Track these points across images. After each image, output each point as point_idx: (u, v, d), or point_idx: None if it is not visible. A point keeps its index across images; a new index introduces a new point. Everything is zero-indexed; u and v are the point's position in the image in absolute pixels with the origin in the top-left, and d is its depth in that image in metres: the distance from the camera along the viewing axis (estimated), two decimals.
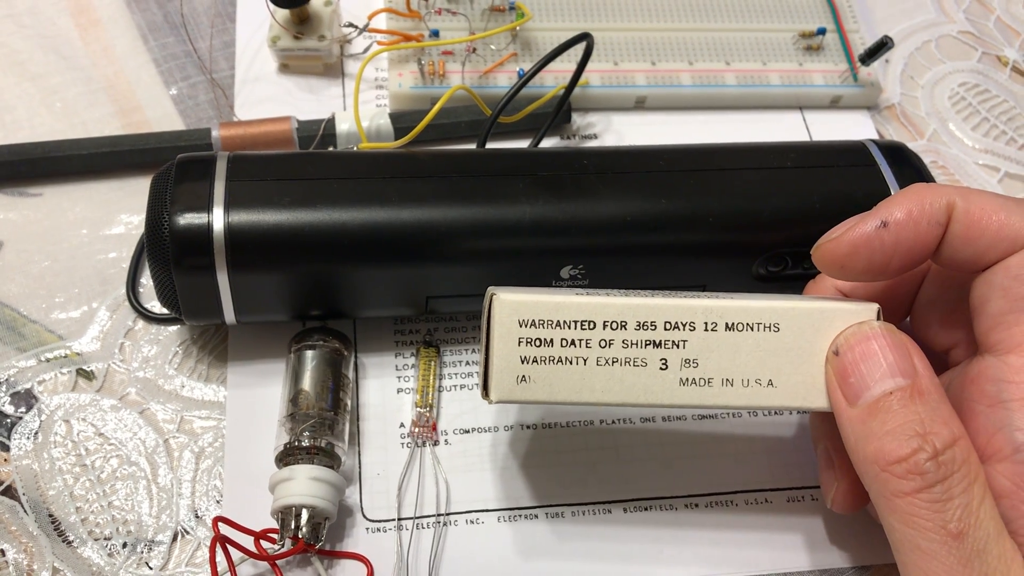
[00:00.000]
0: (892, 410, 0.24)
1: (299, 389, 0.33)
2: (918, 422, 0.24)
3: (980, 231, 0.26)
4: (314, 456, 0.32)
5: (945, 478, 0.23)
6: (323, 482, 0.31)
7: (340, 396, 0.33)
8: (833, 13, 0.46)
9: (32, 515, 0.32)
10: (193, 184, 0.32)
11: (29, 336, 0.36)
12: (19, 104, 0.41)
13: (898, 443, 0.24)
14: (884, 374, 0.25)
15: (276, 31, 0.42)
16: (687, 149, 0.36)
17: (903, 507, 0.24)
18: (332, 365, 0.33)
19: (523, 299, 0.27)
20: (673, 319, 0.27)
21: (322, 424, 0.32)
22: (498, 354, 0.27)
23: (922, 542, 0.23)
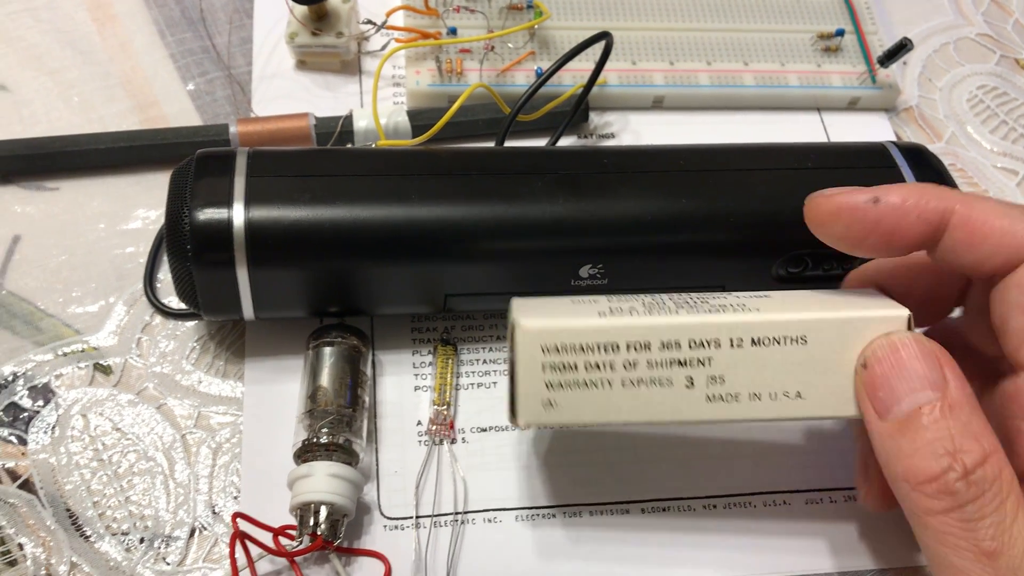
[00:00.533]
0: (922, 426, 0.24)
1: (317, 386, 0.33)
2: (948, 439, 0.24)
3: (981, 237, 0.26)
4: (332, 453, 0.31)
5: (977, 497, 0.23)
6: (342, 479, 0.31)
7: (358, 393, 0.33)
8: (851, 14, 0.46)
9: (50, 509, 0.32)
10: (213, 179, 0.32)
11: (46, 330, 0.36)
12: (36, 98, 0.41)
13: (928, 462, 0.24)
14: (913, 387, 0.25)
15: (294, 27, 0.42)
16: (707, 149, 0.36)
17: (935, 525, 0.23)
18: (350, 362, 0.33)
19: (546, 326, 0.27)
20: (698, 337, 0.27)
21: (340, 421, 0.32)
22: (523, 381, 0.27)
23: (956, 560, 0.23)
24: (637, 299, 0.29)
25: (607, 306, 0.28)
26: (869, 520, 0.34)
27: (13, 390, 0.34)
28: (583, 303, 0.29)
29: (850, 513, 0.34)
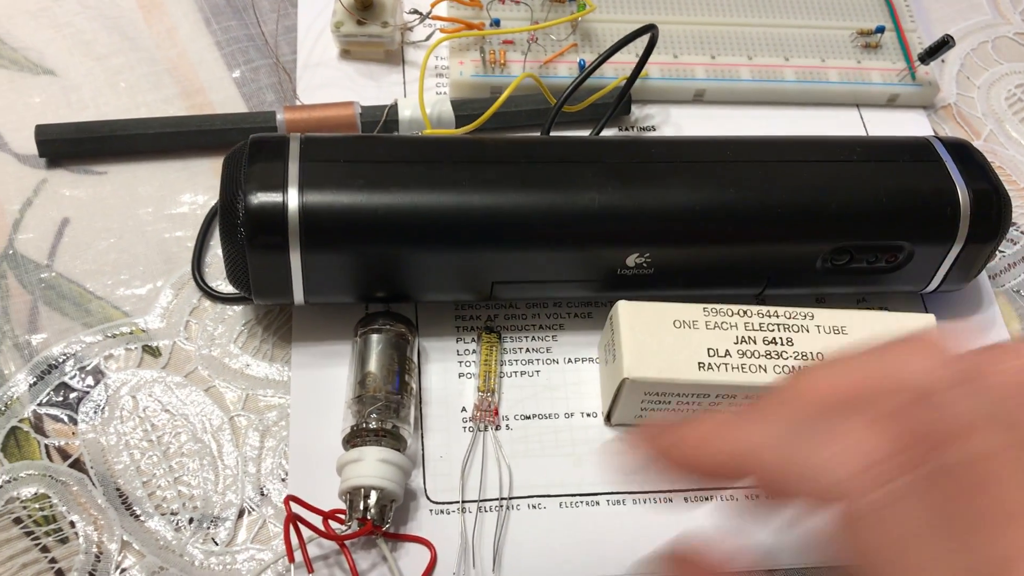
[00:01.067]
0: None
1: (366, 372, 0.33)
2: None
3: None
4: (381, 438, 0.32)
5: None
6: (391, 464, 0.31)
7: (406, 379, 0.33)
8: (891, 12, 0.46)
9: (100, 488, 0.33)
10: (267, 164, 0.32)
11: (95, 312, 0.36)
12: (84, 83, 0.42)
13: None
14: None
15: (340, 16, 0.42)
16: (754, 141, 0.36)
17: None
18: (397, 349, 0.34)
19: (650, 377, 0.32)
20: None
21: (389, 407, 0.32)
22: (623, 406, 0.33)
23: None
24: (734, 333, 0.33)
25: (706, 347, 0.33)
26: None
27: (63, 370, 0.35)
28: (687, 334, 0.33)
29: None
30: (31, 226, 0.38)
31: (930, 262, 0.36)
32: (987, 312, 0.39)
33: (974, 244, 0.35)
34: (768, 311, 0.34)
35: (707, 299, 0.34)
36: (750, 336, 0.33)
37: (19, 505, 0.32)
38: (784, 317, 0.34)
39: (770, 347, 0.33)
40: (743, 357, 0.33)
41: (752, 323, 0.33)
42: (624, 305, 0.33)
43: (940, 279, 0.37)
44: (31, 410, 0.34)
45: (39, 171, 0.39)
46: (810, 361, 0.33)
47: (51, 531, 0.32)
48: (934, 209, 0.35)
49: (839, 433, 0.20)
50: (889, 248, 0.35)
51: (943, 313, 0.38)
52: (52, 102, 0.41)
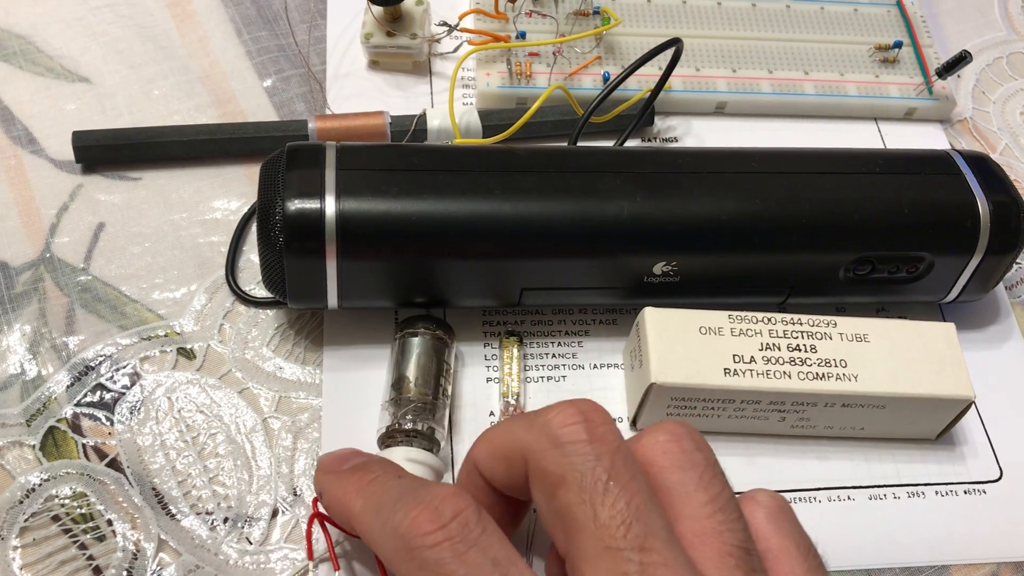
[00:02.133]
0: None
1: (403, 374, 0.33)
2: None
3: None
4: (413, 439, 0.32)
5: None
6: (421, 464, 0.32)
7: (442, 383, 0.34)
8: (908, 28, 0.47)
9: (136, 487, 0.33)
10: (304, 171, 0.33)
11: (130, 315, 0.37)
12: (119, 91, 0.42)
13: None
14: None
15: (370, 28, 0.43)
16: (779, 152, 0.37)
17: None
18: (436, 352, 0.34)
19: (677, 383, 0.33)
20: (801, 400, 0.33)
21: (423, 409, 0.33)
22: (649, 410, 0.34)
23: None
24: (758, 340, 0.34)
25: (731, 353, 0.33)
26: (934, 516, 0.34)
27: (100, 372, 0.35)
28: (713, 341, 0.34)
29: (911, 508, 0.35)
30: (67, 230, 0.39)
31: (950, 273, 0.36)
32: (1004, 323, 0.40)
33: (993, 256, 0.36)
34: (792, 319, 0.34)
35: (731, 307, 0.35)
36: (775, 343, 0.34)
37: (57, 503, 0.33)
38: (808, 325, 0.34)
39: (794, 354, 0.34)
40: (768, 363, 0.33)
41: (776, 330, 0.34)
42: (651, 311, 0.34)
43: (959, 290, 0.37)
44: (69, 410, 0.35)
45: (75, 176, 0.40)
46: (833, 367, 0.33)
47: (88, 529, 0.32)
48: (954, 221, 0.35)
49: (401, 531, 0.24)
50: (910, 259, 0.36)
51: (960, 323, 0.39)
52: (87, 109, 0.42)
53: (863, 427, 0.35)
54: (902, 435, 0.36)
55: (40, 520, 0.32)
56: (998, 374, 0.39)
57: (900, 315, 0.40)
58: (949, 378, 0.34)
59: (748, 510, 0.25)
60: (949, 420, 0.35)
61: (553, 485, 0.24)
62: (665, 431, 0.25)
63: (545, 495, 0.24)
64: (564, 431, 0.24)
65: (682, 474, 0.25)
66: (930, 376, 0.33)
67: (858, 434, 0.36)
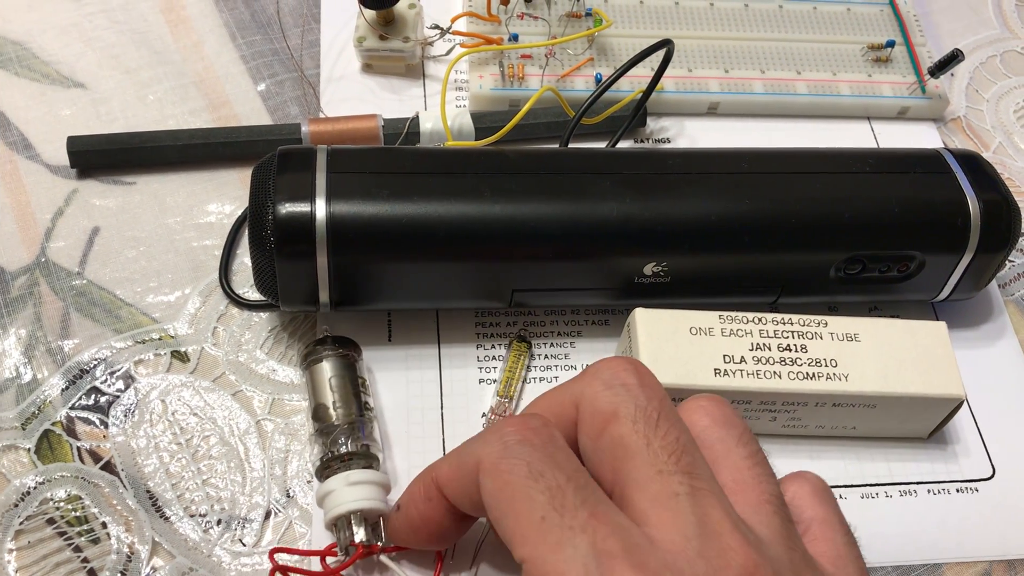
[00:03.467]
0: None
1: (320, 402, 0.33)
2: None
3: (455, 492, 0.27)
4: (350, 462, 0.32)
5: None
6: (366, 484, 0.31)
7: (362, 398, 0.33)
8: (901, 27, 0.47)
9: (131, 490, 0.33)
10: (295, 175, 0.33)
11: (125, 318, 0.37)
12: (113, 96, 0.43)
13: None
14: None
15: (363, 31, 0.43)
16: (769, 153, 0.37)
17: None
18: (347, 370, 0.33)
19: (669, 384, 0.32)
20: (792, 399, 0.34)
21: (352, 430, 0.32)
22: None
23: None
24: (749, 340, 0.34)
25: (721, 354, 0.33)
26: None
27: (95, 375, 0.36)
28: (703, 341, 0.34)
29: (903, 507, 0.35)
30: (63, 235, 0.39)
31: (941, 271, 0.36)
32: (997, 321, 0.40)
33: (984, 254, 0.36)
34: (783, 319, 0.34)
35: (722, 307, 0.35)
36: (765, 343, 0.34)
37: (52, 506, 0.33)
38: (799, 324, 0.34)
39: (785, 354, 0.34)
40: (758, 363, 0.33)
41: (767, 330, 0.34)
42: (641, 312, 0.34)
43: (951, 288, 0.37)
44: (63, 413, 0.35)
45: (70, 181, 0.40)
46: (824, 367, 0.33)
47: (83, 531, 0.33)
48: (945, 220, 0.35)
49: (488, 430, 0.26)
50: (901, 258, 0.36)
51: (953, 322, 0.39)
52: (82, 114, 0.42)
53: (855, 426, 0.35)
54: (894, 434, 0.36)
55: (35, 523, 0.33)
56: (991, 372, 0.39)
57: (893, 314, 0.40)
58: (940, 377, 0.34)
59: (796, 484, 0.27)
60: (940, 419, 0.35)
61: (604, 421, 0.25)
62: (706, 398, 0.27)
63: (593, 433, 0.25)
64: (617, 375, 0.26)
65: (724, 431, 0.26)
66: (921, 375, 0.34)
67: (850, 433, 0.36)
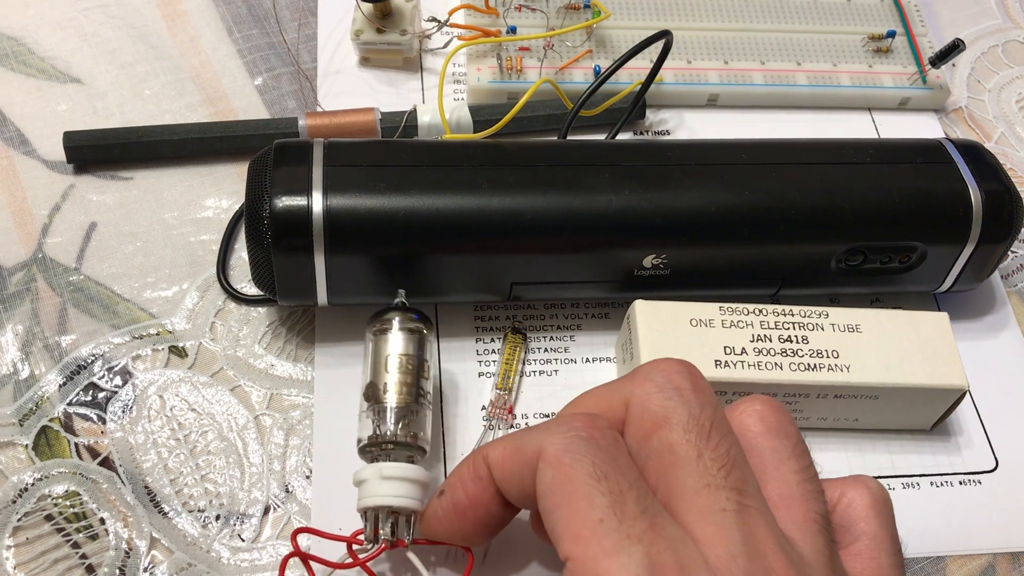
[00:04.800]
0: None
1: (381, 379, 0.32)
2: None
3: (507, 475, 0.27)
4: (395, 451, 0.31)
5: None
6: (407, 481, 0.30)
7: (422, 385, 0.32)
8: (902, 17, 0.46)
9: (129, 486, 0.33)
10: (292, 168, 0.33)
11: (122, 314, 0.37)
12: (110, 91, 0.42)
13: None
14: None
15: (360, 24, 0.43)
16: (769, 143, 0.37)
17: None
18: (413, 350, 0.32)
19: None
20: (793, 391, 0.33)
21: (405, 415, 0.31)
22: None
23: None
24: (749, 331, 0.34)
25: (722, 345, 0.33)
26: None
27: (92, 371, 0.36)
28: (703, 332, 0.33)
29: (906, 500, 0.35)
30: (60, 230, 0.39)
31: (943, 262, 0.36)
32: (1000, 312, 0.40)
33: (986, 244, 0.36)
34: (783, 310, 0.34)
35: (722, 299, 0.35)
36: (766, 334, 0.34)
37: (50, 502, 0.33)
38: (799, 316, 0.34)
39: (786, 345, 0.33)
40: (759, 355, 0.33)
41: (768, 322, 0.34)
42: (641, 304, 0.34)
43: (953, 279, 0.37)
44: (61, 409, 0.35)
45: (67, 177, 0.40)
46: (825, 358, 0.33)
47: (82, 528, 0.32)
48: (946, 210, 0.35)
49: (552, 422, 0.26)
50: (902, 249, 0.36)
51: (955, 313, 0.39)
52: (79, 110, 0.42)
53: (856, 418, 0.35)
54: (896, 426, 0.36)
55: (33, 519, 0.32)
56: (994, 363, 0.38)
57: (895, 305, 0.39)
58: (942, 368, 0.33)
59: (856, 492, 0.27)
60: (943, 410, 0.35)
61: (654, 425, 0.25)
62: (762, 401, 0.27)
63: (642, 436, 0.25)
64: (671, 378, 0.26)
65: (777, 441, 0.26)
66: (923, 366, 0.33)
67: (852, 425, 0.36)
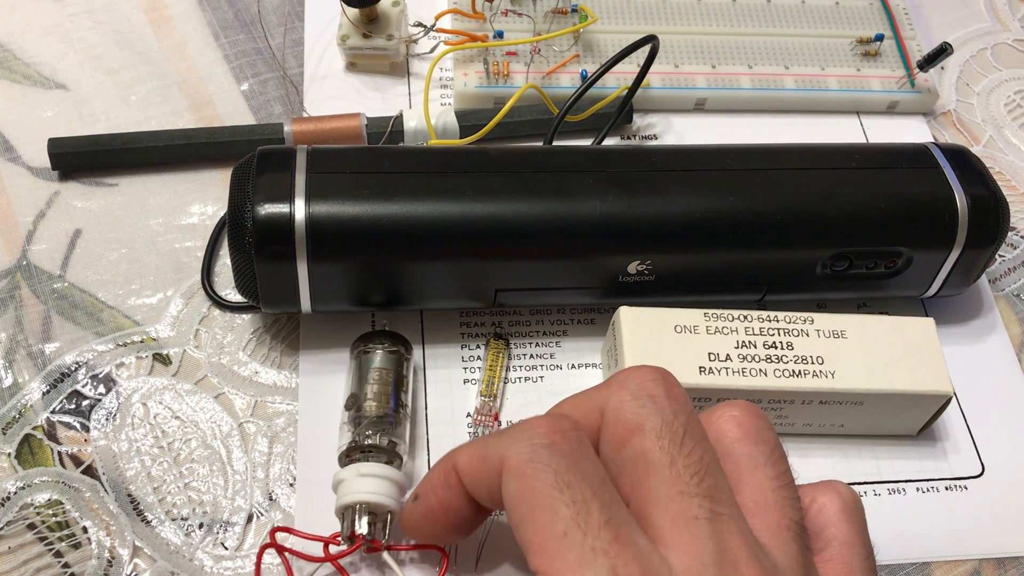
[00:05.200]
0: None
1: (362, 391, 0.33)
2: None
3: (474, 482, 0.27)
4: (375, 454, 0.32)
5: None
6: (382, 478, 0.31)
7: (401, 397, 0.33)
8: (890, 20, 0.46)
9: (112, 494, 0.33)
10: (275, 175, 0.33)
11: (107, 321, 0.37)
12: (95, 97, 0.42)
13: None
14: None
15: (346, 30, 0.43)
16: (754, 149, 0.37)
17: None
18: (393, 367, 0.33)
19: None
20: (777, 397, 0.33)
21: (382, 423, 0.32)
22: None
23: None
24: (734, 338, 0.34)
25: (707, 352, 0.33)
26: (915, 513, 0.34)
27: (76, 378, 0.35)
28: (688, 339, 0.33)
29: (892, 505, 0.34)
30: (44, 237, 0.39)
31: (929, 267, 0.36)
32: (987, 316, 0.40)
33: (973, 249, 0.36)
34: (768, 316, 0.34)
35: (708, 305, 0.35)
36: (751, 341, 0.33)
37: (33, 511, 0.33)
38: (784, 322, 0.34)
39: (771, 351, 0.33)
40: (744, 361, 0.33)
41: (752, 328, 0.34)
42: (625, 311, 0.34)
43: (940, 284, 0.37)
44: (44, 418, 0.34)
45: (52, 183, 0.40)
46: (810, 365, 0.33)
47: (64, 536, 0.32)
48: (932, 215, 0.35)
49: (517, 427, 0.25)
50: (888, 254, 0.35)
51: (943, 318, 0.39)
52: (64, 116, 0.42)
53: (842, 424, 0.35)
54: (882, 431, 0.36)
55: (15, 528, 0.32)
56: (981, 368, 0.38)
57: (881, 311, 0.39)
58: (927, 374, 0.33)
59: (826, 497, 0.26)
60: (929, 416, 0.35)
61: (628, 432, 0.25)
62: (739, 406, 0.27)
63: (616, 443, 0.25)
64: (645, 385, 0.26)
65: (753, 447, 0.26)
66: (908, 372, 0.33)
67: (838, 431, 0.35)
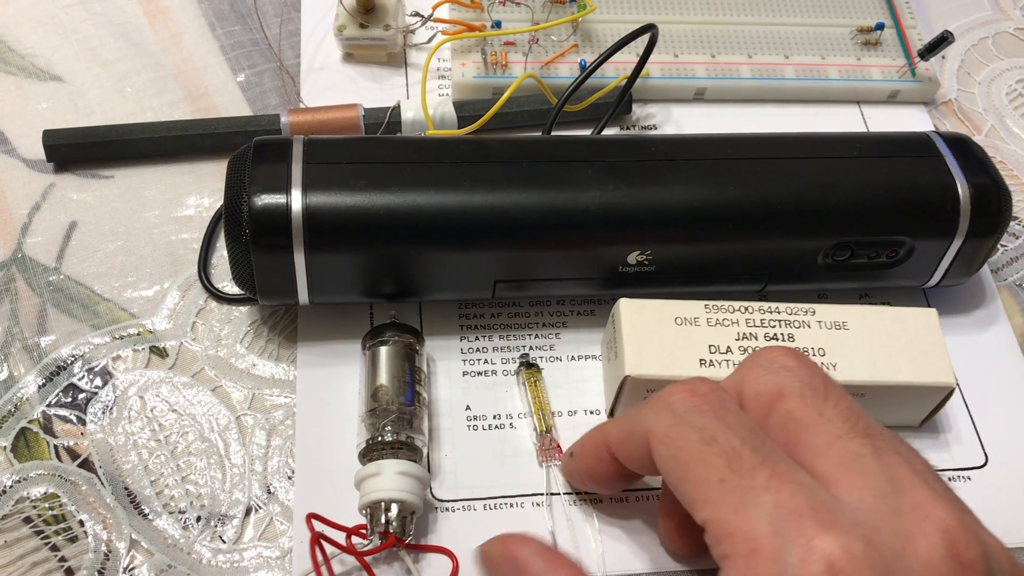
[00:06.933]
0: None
1: (377, 385, 0.33)
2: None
3: (625, 455, 0.29)
4: (397, 451, 0.31)
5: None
6: (410, 476, 0.31)
7: (417, 390, 0.33)
8: (891, 9, 0.46)
9: (109, 487, 0.33)
10: (271, 166, 0.33)
11: (103, 314, 0.37)
12: (91, 89, 0.42)
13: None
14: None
15: (343, 20, 0.42)
16: (754, 138, 0.36)
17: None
18: (407, 360, 0.33)
19: (651, 375, 0.32)
20: None
21: (402, 419, 0.32)
22: (625, 401, 0.33)
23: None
24: (735, 329, 0.33)
25: (707, 343, 0.33)
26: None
27: (72, 372, 0.35)
28: (688, 331, 0.33)
29: None
30: (40, 230, 0.38)
31: (931, 257, 0.36)
32: (989, 306, 0.39)
33: (975, 239, 0.35)
34: (769, 307, 0.34)
35: (709, 296, 0.34)
36: (751, 332, 0.33)
37: (29, 505, 0.32)
38: (786, 313, 0.34)
39: (772, 343, 0.33)
40: (745, 353, 0.33)
41: (753, 319, 0.33)
42: (625, 303, 0.34)
43: (942, 274, 0.37)
44: (40, 411, 0.34)
45: (47, 176, 0.40)
46: (812, 356, 0.33)
47: (61, 530, 0.32)
48: (934, 204, 0.35)
49: (656, 398, 0.27)
50: (890, 243, 0.35)
51: (945, 308, 0.38)
52: (59, 108, 0.41)
53: None
54: (885, 422, 0.35)
55: (12, 522, 0.32)
56: (984, 359, 0.38)
57: (883, 301, 0.39)
58: (930, 365, 0.33)
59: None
60: (931, 407, 0.34)
61: (771, 400, 0.26)
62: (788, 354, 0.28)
63: (761, 415, 0.26)
64: (776, 359, 0.27)
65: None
66: (910, 363, 0.33)
67: None
